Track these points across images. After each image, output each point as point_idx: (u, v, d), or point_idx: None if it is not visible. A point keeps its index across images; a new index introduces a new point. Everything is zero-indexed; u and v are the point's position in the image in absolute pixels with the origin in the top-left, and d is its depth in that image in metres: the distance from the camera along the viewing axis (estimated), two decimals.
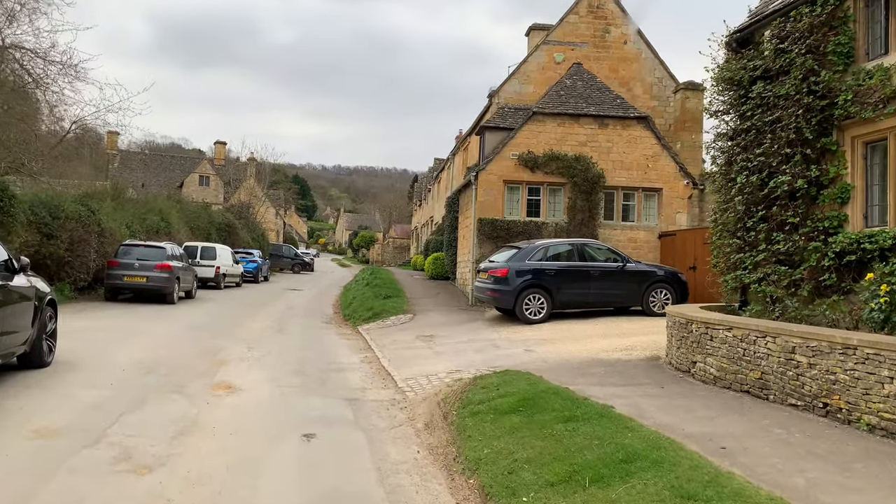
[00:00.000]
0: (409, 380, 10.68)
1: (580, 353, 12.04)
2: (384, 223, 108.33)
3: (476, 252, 20.83)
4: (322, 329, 17.94)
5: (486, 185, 20.87)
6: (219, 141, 73.55)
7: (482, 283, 17.31)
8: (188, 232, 34.14)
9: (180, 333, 15.11)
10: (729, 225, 11.36)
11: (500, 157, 20.94)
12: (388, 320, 18.33)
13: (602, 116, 21.22)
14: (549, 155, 20.87)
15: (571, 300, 16.78)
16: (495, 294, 16.60)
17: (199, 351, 12.72)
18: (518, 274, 16.42)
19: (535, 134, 21.04)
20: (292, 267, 51.53)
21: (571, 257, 17.02)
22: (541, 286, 16.46)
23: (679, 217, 21.33)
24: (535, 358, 11.82)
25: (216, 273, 29.79)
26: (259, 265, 37.16)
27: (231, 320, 18.51)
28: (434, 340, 14.86)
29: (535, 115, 21.08)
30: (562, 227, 20.83)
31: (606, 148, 21.17)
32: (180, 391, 9.09)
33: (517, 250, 16.92)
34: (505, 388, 8.58)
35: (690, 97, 23.74)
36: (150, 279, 21.53)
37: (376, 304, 20.25)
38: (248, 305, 23.37)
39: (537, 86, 24.88)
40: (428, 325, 17.33)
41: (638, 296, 17.04)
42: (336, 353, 13.81)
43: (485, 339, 14.55)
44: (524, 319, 16.34)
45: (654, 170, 21.27)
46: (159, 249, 22.36)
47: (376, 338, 15.73)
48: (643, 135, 21.30)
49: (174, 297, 22.05)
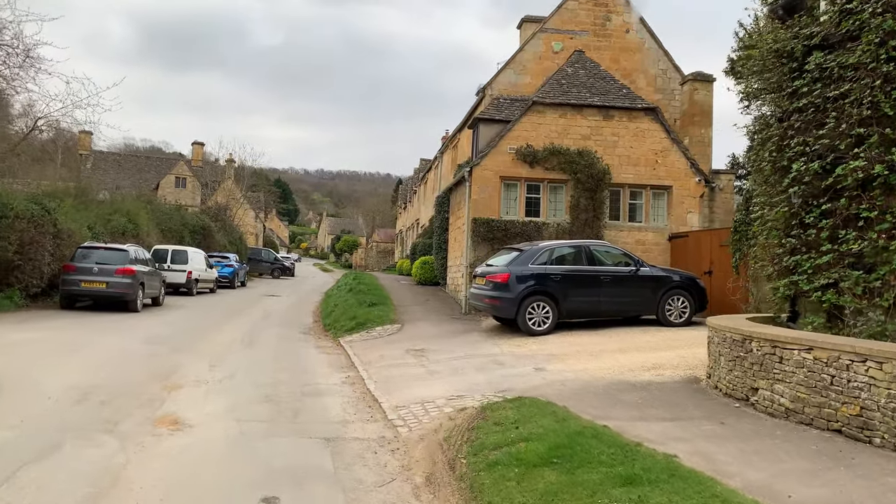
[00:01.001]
0: (400, 408, 8.79)
1: (602, 373, 10.20)
2: (367, 227, 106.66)
3: (470, 255, 18.96)
4: (299, 341, 16.00)
5: (481, 182, 19.02)
6: (196, 142, 71.11)
7: (479, 289, 15.46)
8: (159, 234, 32.03)
9: (134, 348, 13.13)
10: (779, 222, 9.57)
11: (497, 152, 19.10)
12: (373, 331, 16.42)
13: (607, 107, 19.44)
14: (550, 149, 19.06)
15: (579, 309, 14.96)
16: (494, 302, 14.75)
17: (150, 371, 10.75)
18: (520, 279, 14.58)
19: (534, 126, 19.22)
20: (272, 272, 49.43)
21: (579, 261, 15.20)
22: (546, 293, 14.63)
23: (690, 217, 19.59)
24: (550, 379, 9.97)
25: (188, 278, 27.77)
26: (235, 270, 35.08)
27: (197, 331, 16.54)
28: (427, 356, 12.97)
29: (534, 105, 19.26)
30: (564, 227, 19.01)
31: (612, 142, 19.41)
32: (112, 429, 7.15)
33: (519, 253, 15.07)
34: (526, 427, 6.72)
35: (699, 89, 22.02)
36: (111, 285, 19.53)
37: (360, 312, 18.33)
38: (219, 314, 21.39)
39: (534, 76, 23.09)
40: (418, 336, 15.44)
41: (652, 304, 15.26)
42: (314, 371, 11.88)
43: (485, 355, 12.68)
44: (527, 330, 14.51)
45: (663, 166, 19.53)
46: (121, 252, 20.33)
47: (360, 352, 13.82)
48: (651, 128, 19.55)
49: (137, 304, 20.06)
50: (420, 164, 49.44)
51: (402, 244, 58.21)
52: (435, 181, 38.02)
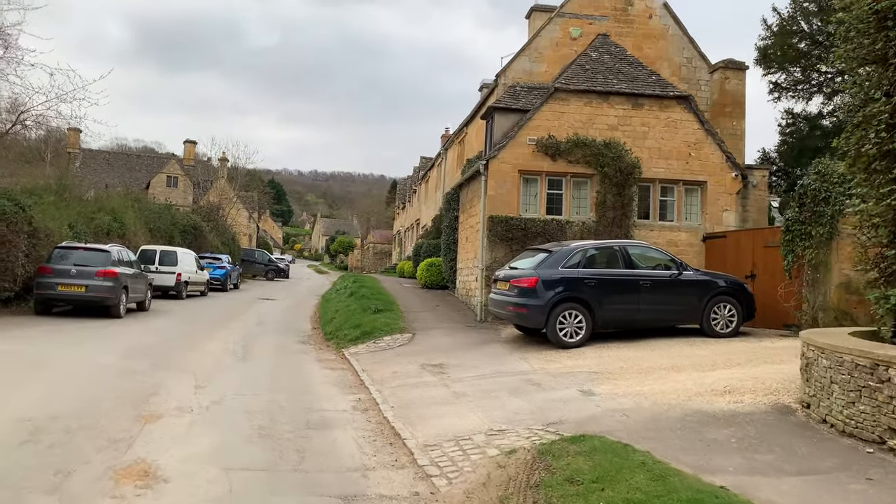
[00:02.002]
0: (431, 448, 7.05)
1: (666, 399, 8.48)
2: (362, 229, 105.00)
3: (486, 256, 17.22)
4: (298, 353, 14.24)
5: (498, 177, 17.28)
6: (189, 140, 69.23)
7: (501, 295, 13.73)
8: (147, 234, 30.20)
9: (110, 363, 11.35)
10: (887, 217, 7.87)
11: (515, 143, 17.37)
12: (380, 341, 14.67)
13: (636, 95, 17.73)
14: (574, 140, 17.34)
15: (616, 318, 13.25)
16: (520, 310, 13.01)
17: (124, 394, 8.99)
18: (550, 284, 12.86)
19: (556, 115, 17.50)
20: (266, 273, 47.62)
21: (615, 263, 13.50)
22: (578, 300, 12.92)
23: (726, 216, 17.90)
24: (605, 407, 8.25)
25: (177, 281, 25.97)
26: (228, 272, 33.25)
27: (184, 341, 14.77)
28: (447, 373, 11.23)
29: (556, 92, 17.53)
30: (589, 226, 17.30)
31: (641, 133, 17.70)
32: (58, 486, 5.40)
33: (547, 254, 13.35)
34: (615, 489, 5.00)
35: (731, 77, 20.34)
36: (90, 288, 17.76)
37: (365, 319, 16.58)
38: (210, 320, 19.61)
39: (551, 64, 21.37)
40: (433, 348, 13.69)
41: (697, 312, 13.56)
42: (317, 393, 10.13)
43: (515, 373, 10.95)
44: (557, 342, 12.79)
45: (697, 159, 17.83)
46: (102, 253, 18.54)
47: (370, 368, 12.08)
48: (684, 118, 17.86)
49: (120, 309, 18.30)
50: (420, 163, 47.67)
51: (401, 245, 56.46)
52: (438, 179, 36.27)
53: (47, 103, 25.51)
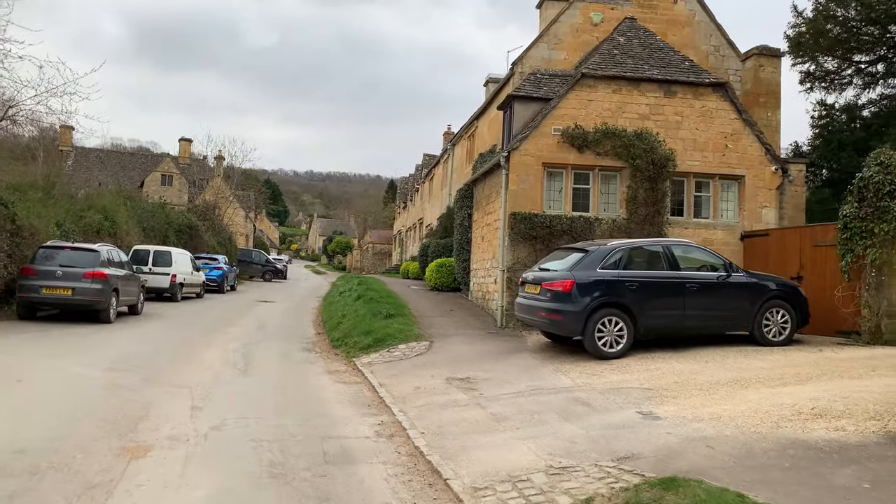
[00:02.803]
0: (481, 491, 5.72)
1: (750, 425, 7.16)
2: (359, 229, 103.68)
3: (508, 257, 15.86)
4: (305, 363, 12.90)
5: (521, 170, 15.93)
6: (184, 138, 67.75)
7: (530, 299, 12.39)
8: (140, 234, 28.83)
9: (95, 377, 10.01)
10: None
11: (539, 134, 16.03)
12: (395, 350, 13.33)
13: (669, 82, 16.39)
14: (603, 130, 15.99)
15: (659, 325, 11.91)
16: (554, 316, 11.66)
17: (108, 418, 7.65)
18: (587, 288, 11.52)
19: (583, 103, 16.16)
20: (263, 274, 46.18)
21: (658, 264, 12.17)
22: (619, 305, 11.59)
23: (765, 213, 16.58)
24: (681, 435, 6.92)
25: (172, 283, 24.57)
26: (224, 273, 31.85)
27: (179, 349, 13.43)
28: (478, 388, 9.90)
29: (583, 78, 16.18)
30: (619, 224, 15.96)
31: (674, 123, 16.37)
32: None
33: (583, 254, 12.01)
34: None
35: (765, 65, 19.03)
36: (77, 291, 16.41)
37: (376, 325, 15.23)
38: (207, 325, 18.26)
39: (571, 51, 20.05)
40: (455, 359, 12.35)
41: (748, 318, 12.25)
42: (332, 413, 8.78)
43: (557, 389, 9.62)
44: (596, 352, 11.46)
45: (734, 152, 16.51)
46: (90, 253, 17.17)
47: (388, 381, 10.73)
48: (720, 107, 16.53)
49: (110, 314, 16.97)
50: (424, 160, 46.30)
51: (402, 245, 55.12)
52: (444, 177, 34.91)
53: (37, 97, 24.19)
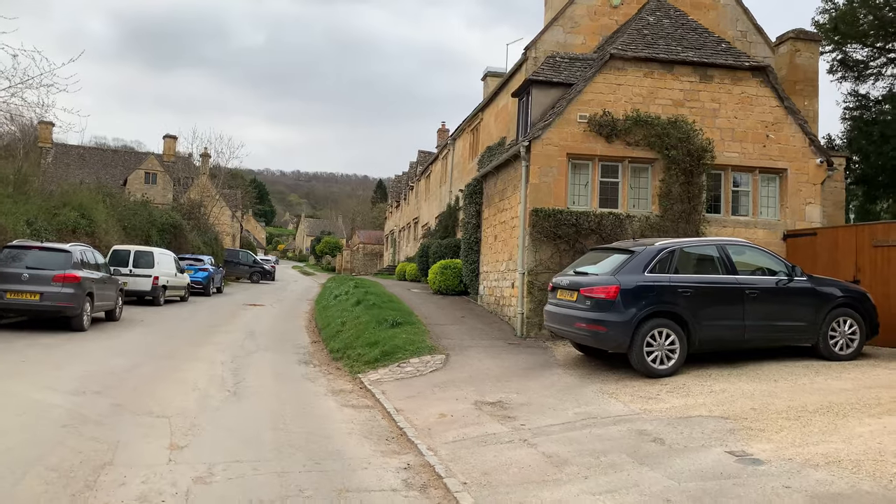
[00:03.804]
0: None
1: (881, 473, 5.59)
2: (347, 229, 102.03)
3: (529, 258, 14.22)
4: (303, 381, 11.21)
5: (543, 161, 14.30)
6: (168, 135, 65.52)
7: (564, 307, 10.78)
8: (121, 233, 27.03)
9: (55, 404, 8.32)
10: None
11: (563, 121, 14.42)
12: (406, 364, 11.68)
13: (705, 65, 14.83)
14: (634, 118, 14.41)
15: (716, 337, 10.31)
16: (597, 328, 10.03)
17: (58, 468, 5.96)
18: (635, 294, 9.92)
19: (611, 88, 14.58)
20: (250, 276, 44.35)
21: (712, 266, 10.61)
22: (670, 315, 10.01)
23: (810, 210, 15.05)
24: (804, 489, 5.35)
25: (154, 285, 22.81)
26: (210, 274, 30.03)
27: (159, 364, 11.72)
28: (517, 417, 8.28)
29: (612, 60, 14.59)
30: (652, 222, 14.37)
31: (711, 110, 14.81)
32: None
33: (628, 255, 10.40)
34: None
35: (802, 50, 17.54)
36: (46, 296, 14.76)
37: (382, 335, 13.57)
38: (191, 332, 16.56)
39: (588, 36, 18.49)
40: (479, 376, 10.71)
41: (813, 328, 10.69)
42: (345, 453, 7.11)
43: (612, 418, 8.01)
44: (644, 370, 9.87)
45: (775, 142, 14.97)
46: (61, 254, 15.48)
47: (405, 405, 9.09)
48: (761, 93, 14.99)
49: (83, 321, 15.35)
50: (419, 157, 44.57)
51: (395, 246, 53.41)
52: (443, 173, 33.22)
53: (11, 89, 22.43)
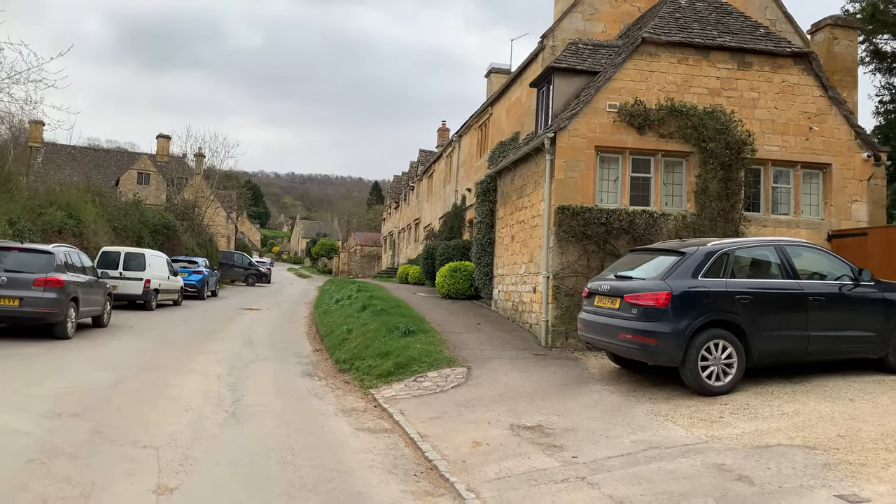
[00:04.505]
0: None
1: None
2: (342, 231, 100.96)
3: (555, 260, 13.03)
4: (310, 397, 9.99)
5: (570, 154, 13.12)
6: (162, 134, 64.18)
7: (604, 316, 9.59)
8: (111, 234, 25.76)
9: (23, 432, 7.11)
10: None
11: (591, 111, 13.24)
12: (424, 378, 10.47)
13: (743, 51, 13.68)
14: (668, 107, 13.24)
15: (777, 350, 9.12)
16: (645, 339, 8.83)
17: None
18: (688, 302, 8.75)
19: (643, 75, 13.42)
20: (245, 278, 43.07)
21: (770, 270, 9.45)
22: (727, 324, 8.83)
23: (856, 208, 13.91)
24: None
25: (145, 288, 21.54)
26: (205, 277, 28.76)
27: (149, 378, 10.48)
28: (563, 445, 7.09)
29: (644, 44, 13.43)
30: (689, 221, 13.19)
31: (749, 100, 13.66)
32: None
33: (678, 257, 9.21)
34: None
35: (840, 38, 16.43)
36: (27, 301, 13.54)
37: (393, 344, 12.36)
38: (184, 339, 15.34)
39: (609, 23, 17.35)
40: (509, 393, 9.50)
41: (882, 339, 9.53)
42: (370, 498, 5.89)
43: (678, 447, 6.83)
44: (698, 387, 8.69)
45: (819, 135, 13.84)
46: (43, 255, 14.26)
47: (429, 430, 7.88)
48: (803, 81, 13.86)
49: (67, 328, 14.16)
50: (420, 156, 43.34)
51: (394, 247, 52.19)
52: (447, 172, 31.99)
53: None
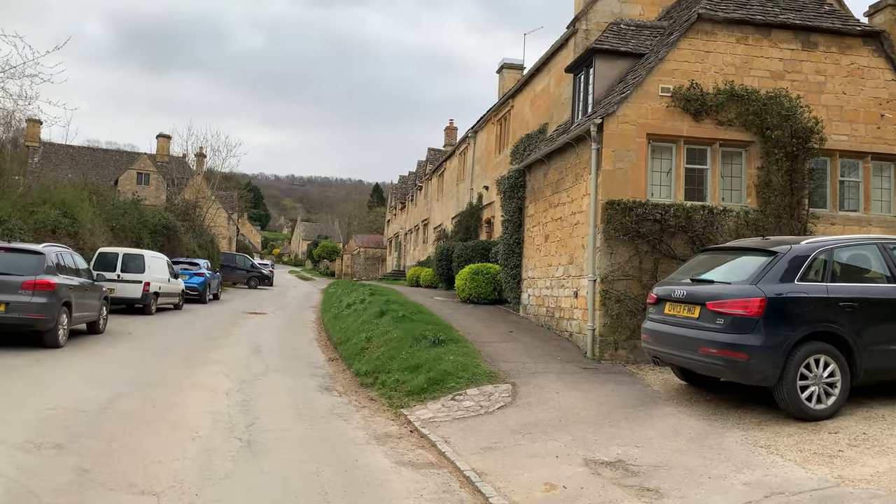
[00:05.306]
0: None
1: None
2: (343, 233, 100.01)
3: (603, 262, 11.66)
4: (333, 418, 8.63)
5: (618, 143, 11.78)
6: (162, 134, 62.89)
7: (677, 325, 8.25)
8: (108, 234, 24.45)
9: None
10: None
11: (642, 95, 11.90)
12: (463, 397, 9.12)
13: (808, 29, 12.37)
14: (728, 91, 11.91)
15: (885, 367, 7.79)
16: (734, 354, 7.47)
17: None
18: (786, 310, 7.42)
19: (698, 55, 12.10)
20: (248, 281, 41.73)
21: (872, 273, 8.12)
22: (829, 336, 7.50)
23: None
24: None
25: (145, 292, 20.16)
26: (207, 280, 27.35)
27: (148, 395, 9.13)
28: (662, 490, 5.74)
29: (699, 21, 12.10)
30: (751, 218, 11.85)
31: (815, 84, 12.35)
32: None
33: (770, 257, 7.87)
34: None
35: None
36: (13, 307, 12.26)
37: (423, 355, 11.00)
38: (187, 348, 14.00)
39: (647, 6, 16.07)
40: (569, 417, 8.15)
41: None
42: None
43: (808, 492, 5.49)
44: (797, 410, 7.36)
45: (891, 123, 12.51)
46: (32, 256, 12.97)
47: (486, 466, 6.53)
48: (873, 64, 12.55)
49: (58, 336, 12.87)
50: (428, 155, 41.95)
51: (400, 249, 50.84)
52: (460, 170, 30.60)
53: None
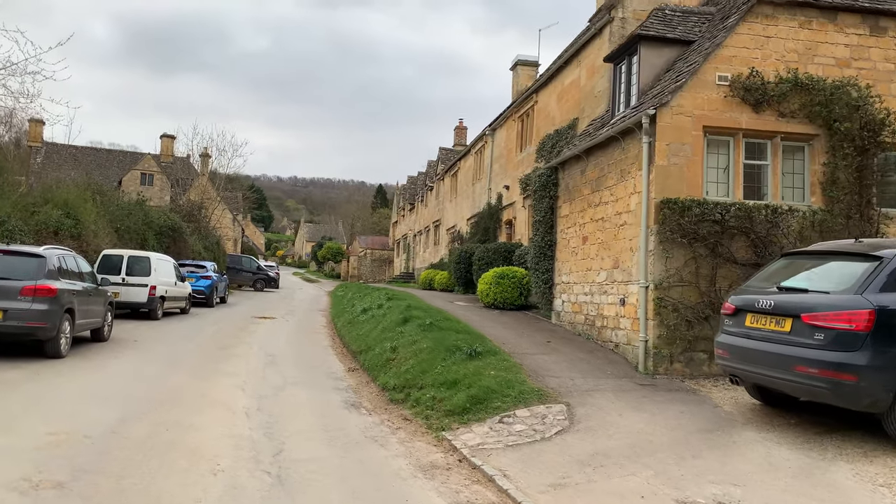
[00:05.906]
0: None
1: None
2: (347, 234, 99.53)
3: (657, 267, 10.63)
4: (368, 444, 7.64)
5: (672, 136, 10.77)
6: (166, 134, 62.10)
7: (764, 340, 7.26)
8: (112, 236, 23.55)
9: None
10: None
11: (698, 84, 10.90)
12: (513, 420, 8.11)
13: (877, 12, 11.37)
14: (791, 80, 10.91)
15: None
16: (839, 375, 6.48)
17: None
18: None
19: (758, 41, 11.11)
20: (253, 283, 40.86)
21: None
22: None
23: None
24: None
25: (150, 296, 19.25)
26: (214, 282, 26.41)
27: (157, 417, 8.14)
28: None
29: (759, 4, 11.07)
30: (818, 219, 10.83)
31: (885, 73, 11.35)
32: None
33: (874, 263, 6.88)
34: None
35: None
36: (11, 314, 11.37)
37: (459, 369, 10.00)
38: (197, 357, 13.05)
39: None
40: (642, 445, 7.15)
41: None
42: None
43: None
44: None
45: None
46: (32, 259, 12.05)
47: None
48: None
49: (60, 345, 11.97)
50: (440, 154, 40.93)
51: (408, 251, 49.86)
52: (476, 170, 29.60)
53: None
